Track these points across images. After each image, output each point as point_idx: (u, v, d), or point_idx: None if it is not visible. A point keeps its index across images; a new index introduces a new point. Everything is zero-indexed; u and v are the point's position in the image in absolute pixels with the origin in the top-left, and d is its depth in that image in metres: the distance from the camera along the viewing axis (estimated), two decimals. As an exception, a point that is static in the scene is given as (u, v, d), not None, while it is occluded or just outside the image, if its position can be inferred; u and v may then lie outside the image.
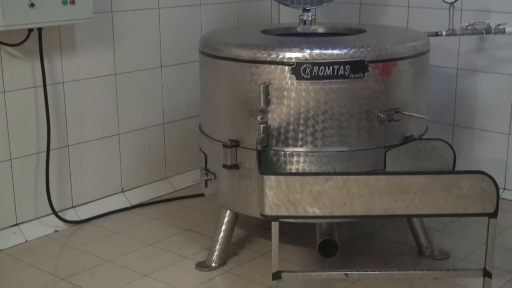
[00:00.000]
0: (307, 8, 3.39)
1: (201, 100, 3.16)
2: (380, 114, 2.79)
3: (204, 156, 3.08)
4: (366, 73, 2.74)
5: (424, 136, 3.03)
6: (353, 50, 2.73)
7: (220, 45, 2.92)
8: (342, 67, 2.72)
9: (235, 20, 4.20)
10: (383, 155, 2.84)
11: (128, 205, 3.73)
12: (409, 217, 3.01)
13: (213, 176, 3.02)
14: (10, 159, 3.26)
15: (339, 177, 2.41)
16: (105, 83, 3.60)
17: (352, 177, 2.41)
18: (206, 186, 3.09)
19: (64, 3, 3.11)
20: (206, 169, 3.07)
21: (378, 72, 2.77)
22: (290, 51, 2.73)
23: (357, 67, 2.73)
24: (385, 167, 2.84)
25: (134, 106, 3.76)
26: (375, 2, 4.06)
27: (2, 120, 3.20)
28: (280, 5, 3.86)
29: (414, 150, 2.90)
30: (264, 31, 3.22)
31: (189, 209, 3.70)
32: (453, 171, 2.82)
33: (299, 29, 3.36)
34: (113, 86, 3.64)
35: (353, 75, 2.73)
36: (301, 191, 2.41)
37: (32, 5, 3.01)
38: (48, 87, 3.31)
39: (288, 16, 4.23)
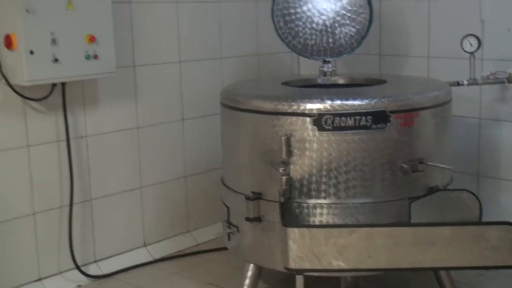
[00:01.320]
0: (327, 59, 3.41)
1: (222, 153, 3.16)
2: (403, 164, 2.77)
3: (226, 209, 3.07)
4: (388, 124, 2.73)
5: (449, 187, 2.99)
6: (375, 100, 2.73)
7: (241, 97, 2.93)
8: (363, 118, 2.71)
9: (255, 72, 4.23)
10: (407, 207, 2.80)
11: (150, 259, 3.70)
12: (436, 270, 2.95)
13: (235, 229, 2.99)
14: (34, 213, 3.27)
15: (363, 229, 2.39)
16: (128, 136, 3.62)
17: (376, 229, 2.38)
18: (229, 239, 3.07)
19: (87, 57, 3.15)
20: (228, 222, 3.05)
21: (400, 122, 2.75)
22: (311, 102, 2.73)
23: (379, 117, 2.72)
24: (409, 218, 2.80)
25: (156, 159, 3.76)
26: (394, 53, 4.07)
27: (25, 174, 3.22)
28: (300, 57, 3.88)
29: (439, 201, 2.86)
30: (285, 83, 3.24)
31: (212, 263, 3.66)
32: (479, 222, 2.77)
33: (319, 81, 3.37)
34: (136, 139, 3.66)
35: (375, 126, 2.72)
36: (325, 244, 2.38)
37: (56, 60, 3.05)
38: (71, 141, 3.33)
39: (308, 68, 4.25)
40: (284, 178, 2.74)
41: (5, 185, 3.16)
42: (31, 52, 2.96)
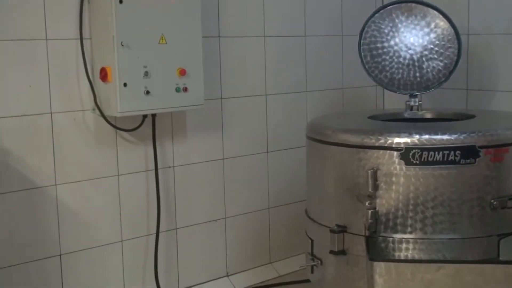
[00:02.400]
0: (414, 93, 3.39)
1: (307, 185, 3.17)
2: (492, 200, 2.71)
3: (310, 241, 3.07)
4: (477, 159, 2.69)
5: (540, 225, 2.91)
6: (464, 135, 2.70)
7: (328, 130, 2.95)
8: (452, 153, 2.68)
9: (340, 105, 4.24)
10: (496, 244, 2.73)
11: (233, 289, 3.75)
12: (526, 309, 2.86)
13: (319, 261, 2.99)
14: (121, 241, 3.36)
15: (452, 265, 2.35)
16: (213, 167, 3.69)
17: (465, 266, 2.34)
18: (312, 272, 3.06)
19: (178, 90, 3.24)
20: (312, 254, 3.05)
21: (490, 157, 2.71)
22: (399, 136, 2.72)
23: (468, 152, 2.68)
24: (498, 256, 2.74)
25: (240, 190, 3.82)
26: (482, 87, 4.01)
27: (115, 202, 3.32)
28: (385, 90, 3.88)
29: (529, 239, 2.79)
30: (371, 117, 3.24)
31: (294, 295, 3.67)
32: None
33: (406, 115, 3.36)
34: (221, 170, 3.72)
35: (463, 161, 2.69)
36: (412, 279, 2.36)
37: (147, 92, 3.14)
38: (159, 171, 3.42)
39: (393, 102, 4.24)
40: (369, 211, 2.73)
41: (96, 213, 3.27)
42: (125, 85, 3.06)
